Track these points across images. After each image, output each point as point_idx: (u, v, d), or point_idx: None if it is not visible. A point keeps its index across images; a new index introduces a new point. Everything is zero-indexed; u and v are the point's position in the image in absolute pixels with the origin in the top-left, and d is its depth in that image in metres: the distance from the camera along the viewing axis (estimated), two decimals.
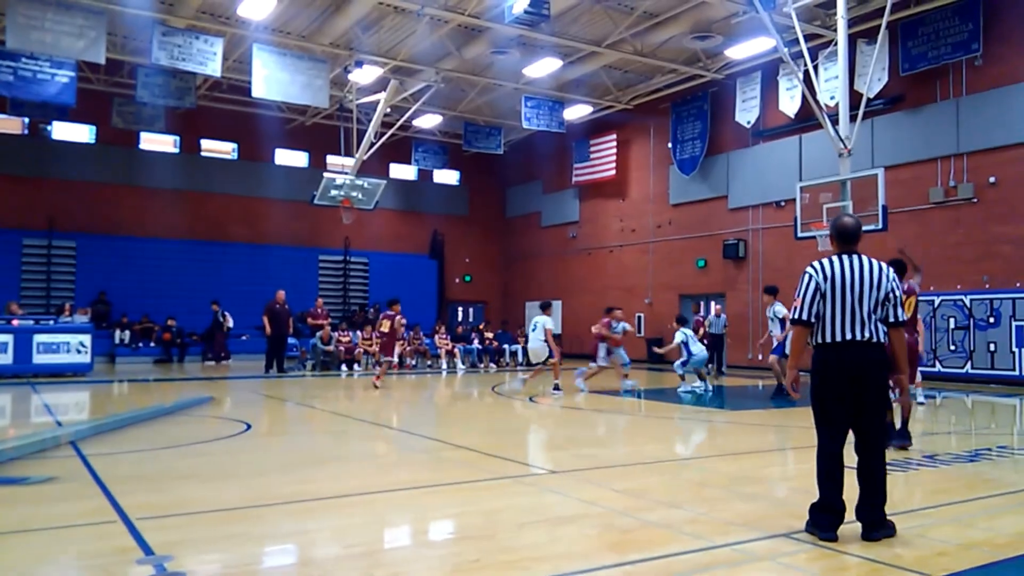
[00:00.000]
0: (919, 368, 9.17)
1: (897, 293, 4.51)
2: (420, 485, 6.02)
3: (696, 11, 17.32)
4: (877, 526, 4.39)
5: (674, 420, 10.94)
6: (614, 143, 24.86)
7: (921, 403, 11.46)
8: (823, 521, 4.40)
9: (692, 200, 22.54)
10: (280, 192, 25.70)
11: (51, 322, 17.03)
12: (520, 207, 30.07)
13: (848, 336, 4.42)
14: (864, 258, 4.55)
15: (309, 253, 26.37)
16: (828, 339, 4.47)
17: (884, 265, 4.56)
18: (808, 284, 4.53)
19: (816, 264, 4.58)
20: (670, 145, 22.92)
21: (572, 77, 21.55)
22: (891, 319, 4.49)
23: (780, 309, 12.63)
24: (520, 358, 22.60)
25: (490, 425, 10.48)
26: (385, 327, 15.13)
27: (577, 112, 23.76)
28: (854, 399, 4.43)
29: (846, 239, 4.61)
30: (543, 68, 20.11)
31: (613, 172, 24.88)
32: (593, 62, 20.36)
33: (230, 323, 21.42)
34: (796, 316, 4.53)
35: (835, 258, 4.56)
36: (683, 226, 22.86)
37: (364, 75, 19.69)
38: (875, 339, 4.43)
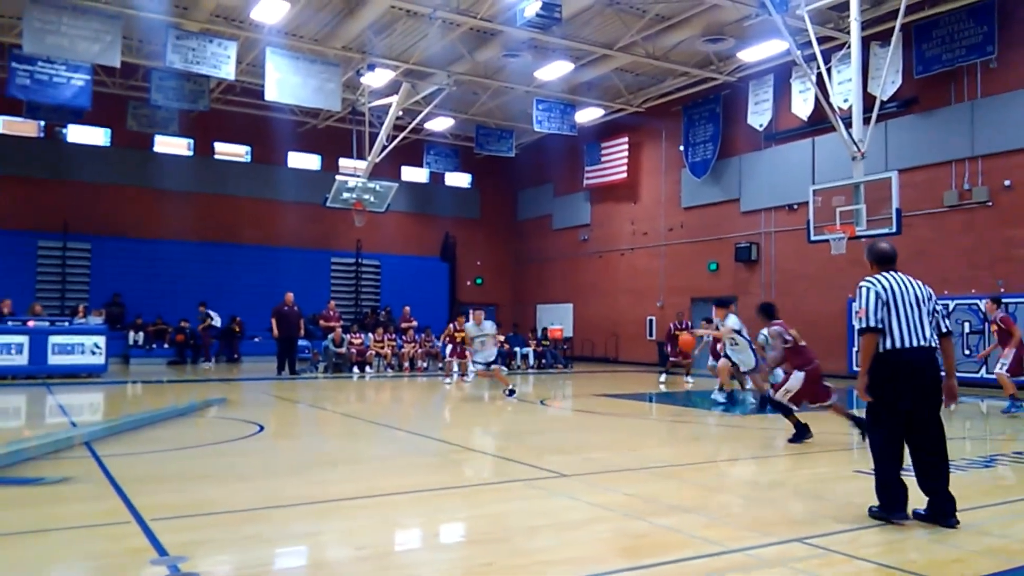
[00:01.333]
0: None
1: (939, 306, 5.00)
2: (431, 488, 6.04)
3: (708, 14, 17.29)
4: (951, 512, 4.72)
5: (685, 424, 10.90)
6: (625, 146, 24.82)
7: None
8: (897, 503, 4.76)
9: (704, 203, 22.48)
10: (293, 195, 25.79)
11: (66, 323, 17.15)
12: (531, 210, 30.06)
13: (915, 342, 4.78)
14: (906, 276, 5.00)
15: (321, 255, 26.46)
16: (896, 345, 4.80)
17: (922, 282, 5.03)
18: (869, 295, 4.85)
19: (872, 279, 4.95)
20: (682, 148, 22.87)
21: (584, 80, 21.56)
22: (942, 329, 4.98)
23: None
24: (531, 361, 22.59)
25: (501, 428, 10.48)
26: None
27: (588, 115, 23.75)
28: (916, 399, 4.76)
29: (888, 261, 5.08)
30: (555, 71, 20.11)
31: (624, 175, 24.85)
32: (605, 65, 20.35)
33: (216, 322, 21.60)
34: (866, 324, 4.83)
35: (887, 274, 4.96)
36: (695, 229, 22.81)
37: (376, 78, 19.75)
38: (933, 344, 4.86)
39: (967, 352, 15.73)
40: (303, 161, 26.66)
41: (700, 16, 17.45)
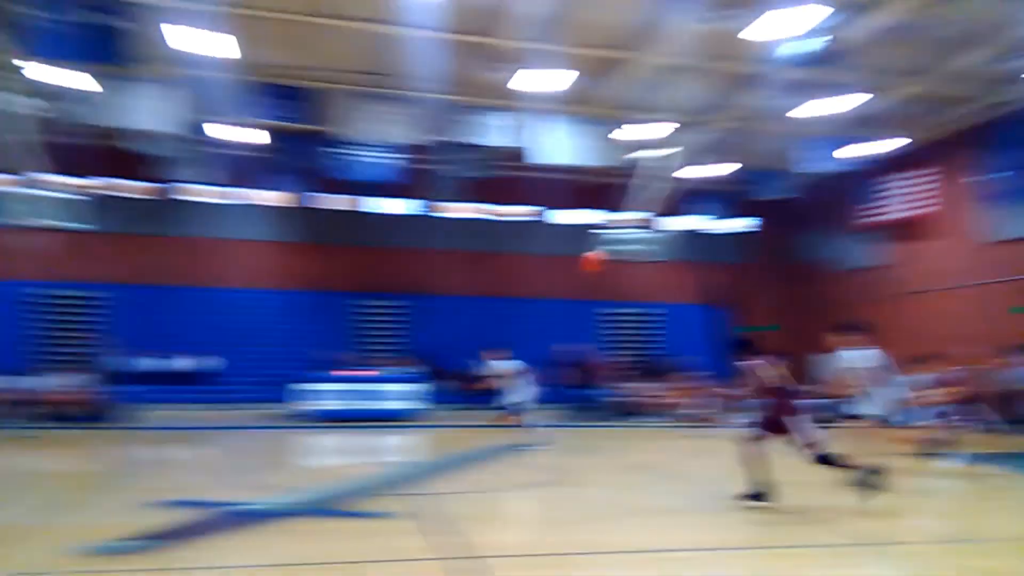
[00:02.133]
0: None
1: None
2: (721, 547, 6.00)
3: (1005, 32, 15.61)
4: None
5: (1011, 488, 9.69)
6: (916, 179, 22.91)
7: None
8: None
9: (1018, 237, 19.95)
10: (566, 248, 26.73)
11: (391, 373, 19.57)
12: (814, 251, 28.44)
13: None
14: None
15: (595, 305, 27.19)
16: None
17: None
18: None
19: None
20: (985, 177, 20.58)
21: (866, 112, 20.27)
22: None
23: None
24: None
25: (800, 483, 10.06)
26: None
27: (872, 148, 22.23)
28: None
29: None
30: (828, 106, 19.09)
31: (919, 209, 22.88)
32: (889, 95, 19.07)
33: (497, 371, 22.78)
34: None
35: None
36: (1007, 266, 20.23)
37: (643, 131, 20.20)
38: None
39: None
40: (576, 216, 27.83)
41: (996, 35, 15.82)
